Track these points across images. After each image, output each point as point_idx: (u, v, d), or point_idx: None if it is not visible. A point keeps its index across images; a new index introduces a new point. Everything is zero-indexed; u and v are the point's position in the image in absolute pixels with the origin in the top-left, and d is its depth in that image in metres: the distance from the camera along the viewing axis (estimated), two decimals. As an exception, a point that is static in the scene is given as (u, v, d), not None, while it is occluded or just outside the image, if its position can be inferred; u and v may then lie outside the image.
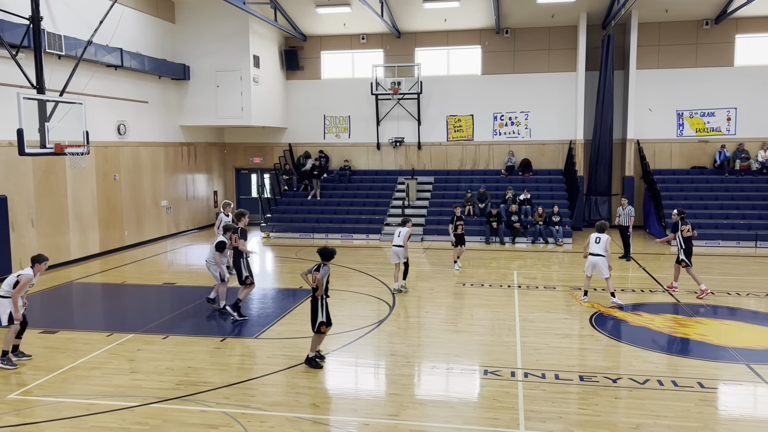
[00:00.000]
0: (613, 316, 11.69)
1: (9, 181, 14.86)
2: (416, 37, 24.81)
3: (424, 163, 25.27)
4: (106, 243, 18.52)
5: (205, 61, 22.31)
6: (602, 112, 22.75)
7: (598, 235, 12.47)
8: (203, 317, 12.02)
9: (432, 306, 12.59)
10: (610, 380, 8.39)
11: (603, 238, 12.38)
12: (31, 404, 7.72)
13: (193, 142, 23.78)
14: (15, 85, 14.01)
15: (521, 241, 20.83)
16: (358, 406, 7.72)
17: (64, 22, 16.06)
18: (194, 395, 7.96)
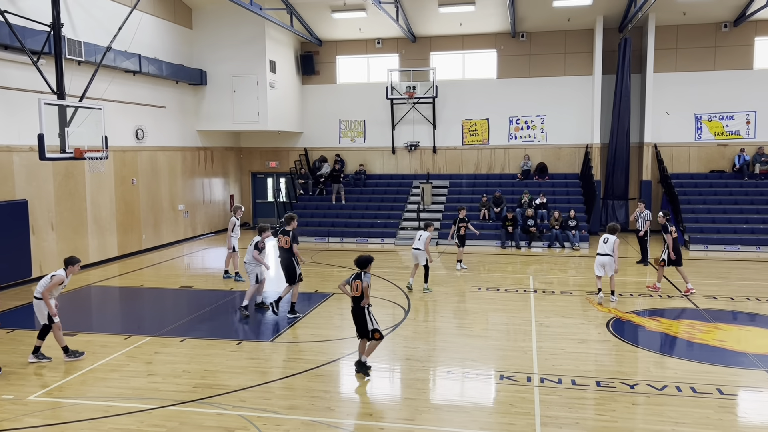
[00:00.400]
0: (630, 321, 11.59)
1: (30, 185, 15.08)
2: (431, 41, 24.83)
3: (439, 167, 25.25)
4: (124, 246, 18.72)
5: (221, 66, 22.50)
6: (619, 116, 22.60)
7: (607, 236, 12.88)
8: (220, 320, 12.11)
9: (447, 310, 12.57)
10: (628, 386, 8.32)
11: (611, 239, 12.73)
12: (51, 406, 7.81)
13: (210, 147, 23.97)
14: (36, 90, 14.24)
15: (537, 245, 20.73)
16: (374, 411, 7.72)
17: (83, 29, 16.29)
18: (211, 398, 8.01)
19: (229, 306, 13.19)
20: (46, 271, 15.43)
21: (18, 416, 7.48)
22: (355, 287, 8.67)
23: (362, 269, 8.73)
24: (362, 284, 8.60)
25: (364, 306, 8.63)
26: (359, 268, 8.75)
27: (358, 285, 8.64)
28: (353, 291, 8.68)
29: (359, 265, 8.76)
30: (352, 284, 8.72)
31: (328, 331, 11.19)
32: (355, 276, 8.74)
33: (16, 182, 14.69)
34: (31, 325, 11.84)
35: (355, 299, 8.68)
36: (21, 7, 14.11)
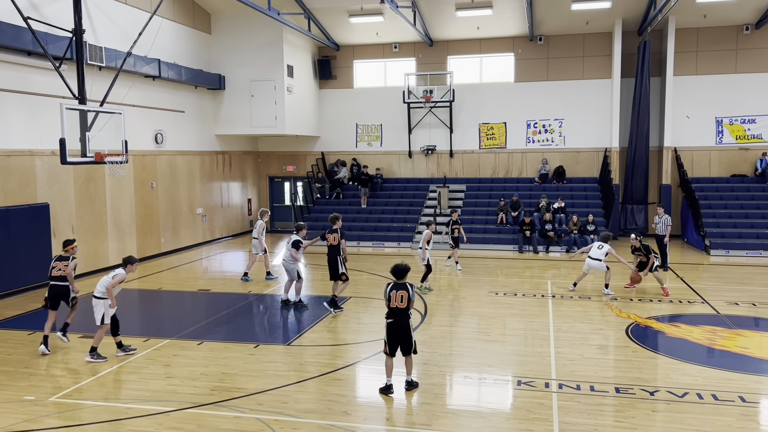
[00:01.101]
0: (650, 327, 11.46)
1: (51, 189, 15.29)
2: (448, 45, 24.81)
3: (456, 171, 25.19)
4: (143, 250, 18.90)
5: (240, 71, 22.67)
6: (638, 120, 22.40)
7: (601, 243, 14.04)
8: (237, 323, 12.18)
9: (464, 315, 12.51)
10: (647, 393, 8.22)
11: (605, 247, 13.94)
12: (71, 407, 7.90)
13: (228, 151, 24.15)
14: (58, 95, 14.45)
15: (555, 250, 20.58)
16: (390, 415, 7.70)
17: (104, 35, 16.51)
18: (228, 401, 8.04)
19: (247, 309, 13.26)
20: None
21: (39, 417, 7.57)
22: (399, 298, 8.13)
23: (401, 279, 8.27)
24: (409, 295, 8.12)
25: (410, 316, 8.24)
26: (399, 278, 8.27)
27: (403, 296, 8.12)
28: (396, 302, 8.14)
29: (400, 275, 8.28)
30: (394, 295, 8.16)
31: (344, 335, 11.20)
32: (396, 286, 8.22)
33: (38, 186, 14.91)
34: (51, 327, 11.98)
35: (399, 311, 8.15)
36: (44, 13, 14.35)
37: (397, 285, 8.25)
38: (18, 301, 13.68)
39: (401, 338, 8.21)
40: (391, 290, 8.21)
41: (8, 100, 14.06)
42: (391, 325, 8.20)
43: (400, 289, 8.17)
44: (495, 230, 21.81)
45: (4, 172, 14.02)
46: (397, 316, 8.16)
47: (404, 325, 8.19)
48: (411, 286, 8.24)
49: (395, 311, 8.16)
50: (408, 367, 8.37)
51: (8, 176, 14.12)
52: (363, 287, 15.13)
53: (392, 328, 8.20)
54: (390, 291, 8.21)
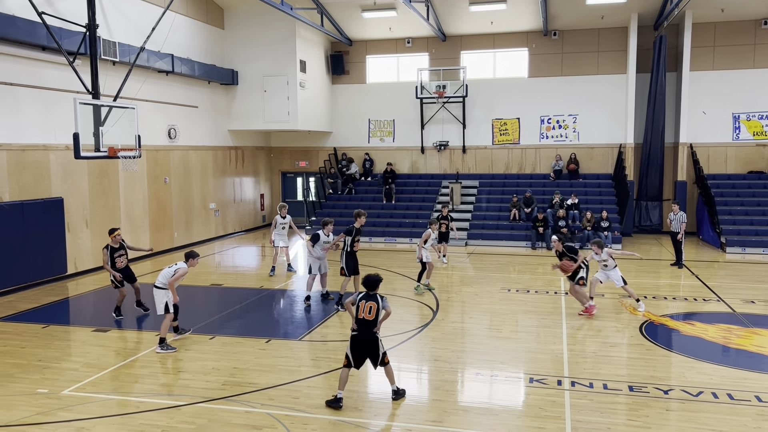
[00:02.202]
0: (664, 324, 11.33)
1: (65, 183, 15.39)
2: (462, 40, 24.67)
3: (469, 166, 25.08)
4: (156, 244, 18.98)
5: (253, 66, 22.69)
6: (654, 115, 22.16)
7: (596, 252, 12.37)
8: (249, 318, 12.20)
9: (476, 311, 12.45)
10: (661, 391, 8.12)
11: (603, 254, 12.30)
12: (83, 401, 7.94)
13: (241, 146, 24.19)
14: (72, 90, 14.52)
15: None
16: (401, 411, 7.67)
17: (118, 30, 16.57)
18: (239, 396, 8.05)
19: (259, 304, 13.28)
20: (80, 268, 15.78)
21: (52, 410, 7.62)
22: (367, 309, 7.62)
23: (374, 290, 7.80)
24: (378, 307, 7.63)
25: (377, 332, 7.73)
26: (370, 289, 7.78)
27: (372, 307, 7.62)
28: (364, 313, 7.62)
29: (372, 286, 7.79)
30: (363, 306, 7.66)
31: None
32: (366, 297, 7.73)
33: (52, 180, 15.01)
34: (65, 321, 12.10)
35: (366, 323, 7.63)
36: (58, 8, 14.41)
37: (367, 296, 7.74)
38: (32, 295, 13.80)
39: (367, 351, 7.68)
40: (360, 300, 7.71)
41: (23, 94, 14.16)
42: (355, 338, 7.67)
43: (370, 300, 7.67)
44: (508, 226, 21.70)
45: (19, 166, 14.13)
46: (363, 328, 7.63)
47: (370, 339, 7.65)
48: (382, 298, 7.75)
49: (362, 323, 7.62)
50: (390, 377, 7.88)
51: (23, 170, 14.23)
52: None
53: (356, 341, 7.67)
54: (359, 301, 7.71)
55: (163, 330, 9.92)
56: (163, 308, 10.00)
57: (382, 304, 7.73)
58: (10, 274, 13.76)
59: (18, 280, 13.98)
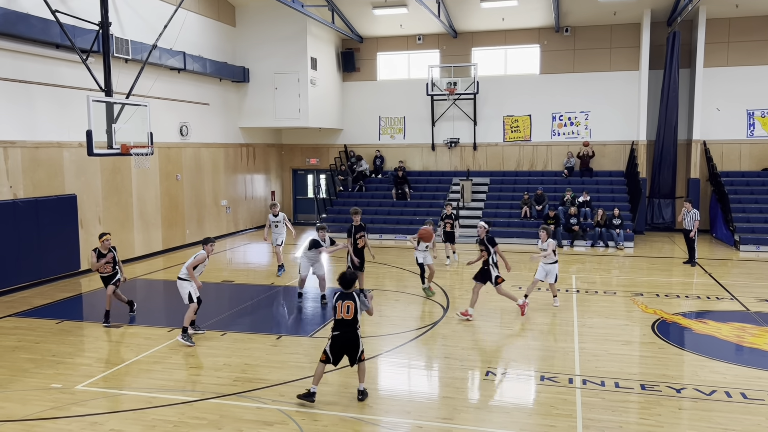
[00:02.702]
0: (676, 323, 11.26)
1: (78, 180, 15.51)
2: (473, 36, 24.59)
3: (480, 164, 25.01)
4: (168, 241, 19.11)
5: (264, 63, 22.74)
6: (666, 112, 22.00)
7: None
8: (260, 315, 12.26)
9: (486, 309, 12.41)
10: (674, 390, 8.07)
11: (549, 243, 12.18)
12: (96, 396, 8.02)
13: (252, 144, 24.27)
14: (85, 88, 14.61)
15: (580, 244, 20.34)
16: (411, 408, 7.67)
17: (130, 28, 16.65)
18: (250, 392, 8.09)
19: (270, 301, 13.33)
20: (93, 264, 15.88)
21: (66, 405, 7.69)
22: (344, 309, 7.55)
23: (348, 289, 7.68)
24: (356, 306, 7.56)
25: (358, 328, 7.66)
26: (346, 288, 7.66)
27: (349, 306, 7.55)
28: (342, 313, 7.56)
29: (347, 285, 7.67)
30: (339, 306, 7.58)
31: (365, 327, 11.16)
32: (343, 296, 7.62)
33: (65, 177, 15.14)
34: (79, 317, 12.22)
35: (345, 323, 7.56)
36: (71, 6, 14.51)
37: (343, 295, 7.64)
38: (46, 291, 13.93)
39: (347, 349, 7.65)
40: (337, 300, 7.60)
41: (37, 92, 14.27)
42: (338, 338, 7.58)
43: (347, 299, 7.58)
44: (519, 224, 21.63)
45: (33, 163, 14.25)
46: (344, 328, 7.55)
47: (352, 338, 7.60)
48: (358, 295, 7.66)
49: (341, 323, 7.56)
50: (361, 375, 7.82)
51: (37, 167, 14.35)
52: (385, 280, 15.11)
53: (339, 341, 7.59)
54: (336, 301, 7.60)
55: (186, 319, 10.06)
56: (186, 298, 10.13)
57: (360, 300, 7.64)
58: (24, 270, 13.90)
59: (32, 276, 14.12)
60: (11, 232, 13.48)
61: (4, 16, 12.84)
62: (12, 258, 13.48)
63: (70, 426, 7.14)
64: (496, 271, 11.61)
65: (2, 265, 13.28)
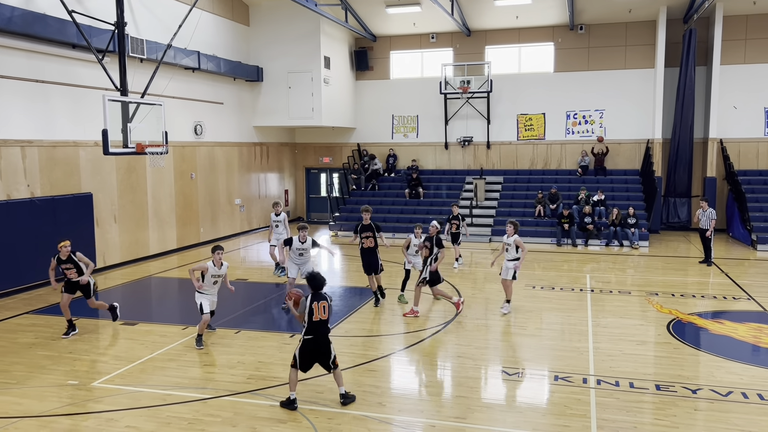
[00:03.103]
0: (692, 323, 11.16)
1: (94, 179, 15.65)
2: (487, 35, 24.50)
3: (493, 162, 24.92)
4: (182, 239, 19.23)
5: (277, 62, 22.81)
6: (682, 110, 21.79)
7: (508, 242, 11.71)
8: (273, 313, 12.30)
9: (499, 308, 12.37)
10: (690, 391, 8.00)
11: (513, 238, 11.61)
12: (112, 392, 8.09)
13: (266, 142, 24.36)
14: (101, 87, 14.75)
15: (594, 243, 20.21)
16: (424, 407, 7.67)
17: (145, 27, 16.77)
18: (264, 389, 8.13)
19: (283, 299, 13.36)
20: (108, 262, 16.06)
21: (82, 401, 7.77)
22: (321, 309, 7.42)
23: (321, 289, 7.57)
24: (329, 305, 7.53)
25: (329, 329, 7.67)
26: (318, 289, 7.53)
27: (324, 306, 7.45)
28: (320, 314, 7.42)
29: (319, 286, 7.54)
30: (317, 307, 7.41)
31: (378, 326, 11.20)
32: (316, 297, 7.47)
33: (82, 176, 15.28)
34: (94, 314, 12.31)
35: (321, 324, 7.48)
36: (87, 7, 14.64)
37: (316, 296, 7.49)
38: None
39: (319, 355, 7.54)
40: (312, 302, 7.41)
41: (54, 92, 14.42)
42: (311, 342, 7.46)
43: (321, 299, 7.47)
44: (533, 223, 21.53)
45: (50, 162, 14.41)
46: (319, 330, 7.46)
47: (325, 342, 7.54)
48: (329, 296, 7.63)
49: (318, 324, 7.43)
50: (338, 380, 7.68)
51: (54, 166, 14.50)
52: (398, 279, 15.09)
53: (312, 345, 7.47)
54: (311, 303, 7.40)
55: (199, 329, 9.95)
56: (199, 309, 9.94)
57: (331, 302, 7.64)
58: (42, 268, 13.98)
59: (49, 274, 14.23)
60: (29, 230, 13.63)
61: (22, 17, 12.98)
62: (30, 256, 13.62)
63: (87, 422, 7.21)
64: (426, 272, 11.55)
65: (20, 263, 13.44)
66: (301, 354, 7.50)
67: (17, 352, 9.71)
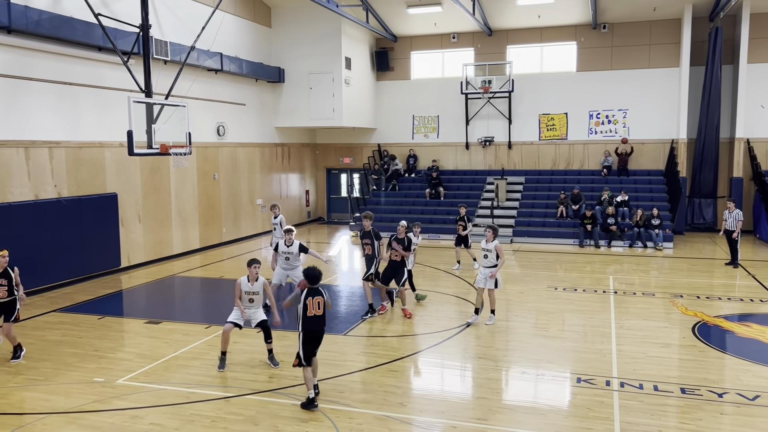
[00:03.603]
0: (718, 326, 10.99)
1: (119, 179, 15.88)
2: (508, 34, 24.37)
3: (515, 162, 24.78)
4: (205, 239, 19.42)
5: (299, 63, 22.94)
6: (708, 110, 21.46)
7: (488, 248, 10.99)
8: (294, 313, 12.31)
9: (522, 310, 12.31)
10: (715, 394, 7.88)
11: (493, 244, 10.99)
12: (137, 390, 8.20)
13: (287, 143, 24.50)
14: (125, 89, 14.96)
15: (617, 244, 19.99)
16: (445, 408, 7.66)
17: (169, 30, 16.97)
18: (286, 389, 8.18)
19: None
20: (133, 261, 16.28)
21: (107, 398, 7.89)
22: (315, 305, 7.54)
23: (315, 284, 7.64)
24: (325, 301, 7.64)
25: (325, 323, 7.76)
26: (314, 284, 7.61)
27: (320, 302, 7.58)
28: (315, 310, 7.54)
29: (315, 281, 7.61)
30: (311, 303, 7.52)
31: (400, 326, 11.19)
32: (312, 293, 7.57)
33: (107, 176, 15.51)
34: (119, 313, 12.52)
35: (317, 319, 7.61)
36: (113, 10, 14.85)
37: (312, 291, 7.59)
38: (89, 287, 14.29)
39: (317, 346, 7.75)
40: (307, 297, 7.52)
41: (80, 94, 14.66)
42: (312, 335, 7.62)
43: (316, 295, 7.58)
44: (554, 224, 21.37)
45: (77, 163, 14.64)
46: (317, 324, 7.62)
47: (321, 336, 7.73)
48: (325, 291, 7.70)
49: (314, 320, 7.58)
50: (315, 371, 7.84)
51: (80, 167, 14.74)
52: (417, 279, 15.07)
53: (313, 338, 7.64)
54: (305, 298, 7.52)
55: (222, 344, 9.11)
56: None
57: (327, 296, 7.71)
58: (69, 267, 14.30)
59: (75, 272, 14.51)
60: (56, 229, 13.87)
61: (50, 20, 13.22)
62: (56, 255, 13.88)
63: (112, 419, 7.32)
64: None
65: (47, 262, 13.68)
66: (305, 348, 7.62)
67: (45, 349, 9.88)
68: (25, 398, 7.96)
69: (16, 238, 12.77)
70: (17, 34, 12.86)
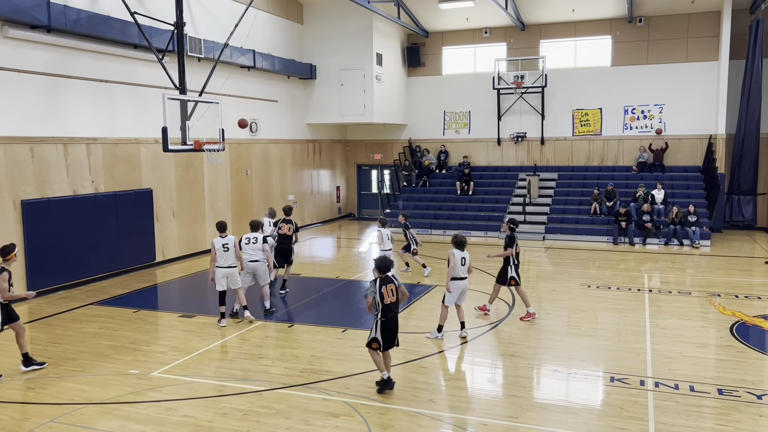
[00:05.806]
0: (758, 326, 10.70)
1: (154, 175, 16.15)
2: (541, 29, 24.07)
3: (547, 158, 24.49)
4: (238, 234, 19.36)
5: (330, 60, 23.01)
6: (748, 104, 20.87)
7: (464, 255, 9.94)
8: (325, 308, 12.44)
9: (554, 307, 12.17)
10: (754, 396, 7.68)
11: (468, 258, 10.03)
12: (171, 382, 8.35)
13: (318, 140, 24.62)
14: (160, 86, 15.20)
15: (653, 242, 19.62)
16: (476, 405, 7.62)
17: (203, 27, 17.18)
18: (317, 383, 8.23)
19: (335, 294, 13.51)
20: (167, 256, 16.55)
21: (142, 390, 8.05)
22: (389, 292, 7.73)
23: (386, 273, 7.84)
24: (397, 287, 7.83)
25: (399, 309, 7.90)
26: (383, 272, 7.81)
27: (393, 289, 7.77)
28: (389, 297, 7.72)
29: (386, 269, 7.83)
30: (386, 291, 7.71)
31: (430, 323, 11.15)
32: (384, 281, 7.77)
33: (142, 172, 15.79)
34: (154, 306, 12.75)
35: (392, 306, 7.77)
36: (149, 8, 15.10)
37: (384, 279, 7.79)
38: (124, 281, 14.59)
39: (395, 333, 7.89)
40: (381, 286, 7.72)
41: (117, 91, 14.94)
42: (390, 322, 7.79)
43: (389, 282, 7.79)
44: (588, 221, 21.07)
45: (113, 159, 14.94)
46: (393, 311, 7.80)
47: (396, 322, 7.90)
48: (395, 277, 7.92)
49: (391, 306, 7.75)
50: (387, 361, 7.99)
51: (116, 163, 15.04)
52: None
53: (391, 325, 7.81)
54: (380, 287, 7.71)
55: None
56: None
57: (398, 282, 7.91)
58: (105, 260, 14.62)
59: (112, 266, 14.82)
60: (93, 224, 14.19)
61: (88, 19, 13.50)
62: (93, 249, 14.20)
63: (147, 410, 7.46)
64: (512, 271, 11.18)
65: (85, 256, 14.01)
66: (383, 335, 7.78)
67: (83, 341, 10.12)
68: (63, 388, 8.16)
69: (55, 232, 13.10)
70: (56, 33, 13.16)
